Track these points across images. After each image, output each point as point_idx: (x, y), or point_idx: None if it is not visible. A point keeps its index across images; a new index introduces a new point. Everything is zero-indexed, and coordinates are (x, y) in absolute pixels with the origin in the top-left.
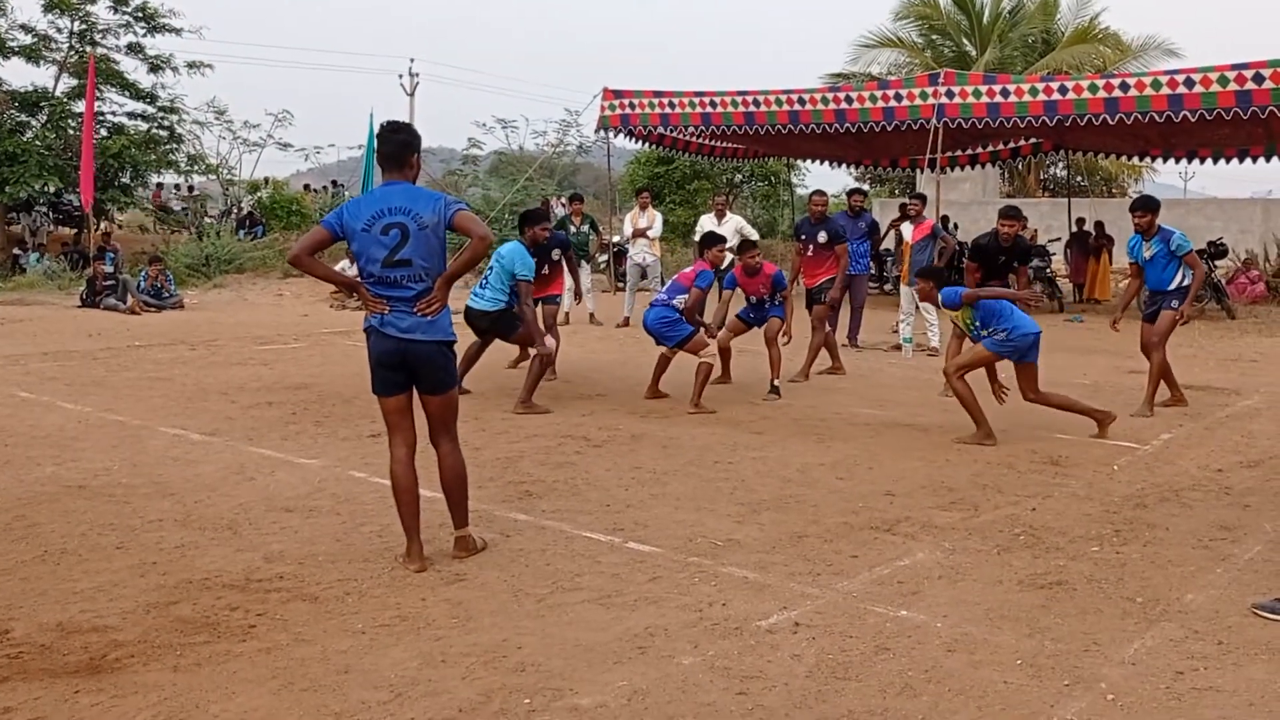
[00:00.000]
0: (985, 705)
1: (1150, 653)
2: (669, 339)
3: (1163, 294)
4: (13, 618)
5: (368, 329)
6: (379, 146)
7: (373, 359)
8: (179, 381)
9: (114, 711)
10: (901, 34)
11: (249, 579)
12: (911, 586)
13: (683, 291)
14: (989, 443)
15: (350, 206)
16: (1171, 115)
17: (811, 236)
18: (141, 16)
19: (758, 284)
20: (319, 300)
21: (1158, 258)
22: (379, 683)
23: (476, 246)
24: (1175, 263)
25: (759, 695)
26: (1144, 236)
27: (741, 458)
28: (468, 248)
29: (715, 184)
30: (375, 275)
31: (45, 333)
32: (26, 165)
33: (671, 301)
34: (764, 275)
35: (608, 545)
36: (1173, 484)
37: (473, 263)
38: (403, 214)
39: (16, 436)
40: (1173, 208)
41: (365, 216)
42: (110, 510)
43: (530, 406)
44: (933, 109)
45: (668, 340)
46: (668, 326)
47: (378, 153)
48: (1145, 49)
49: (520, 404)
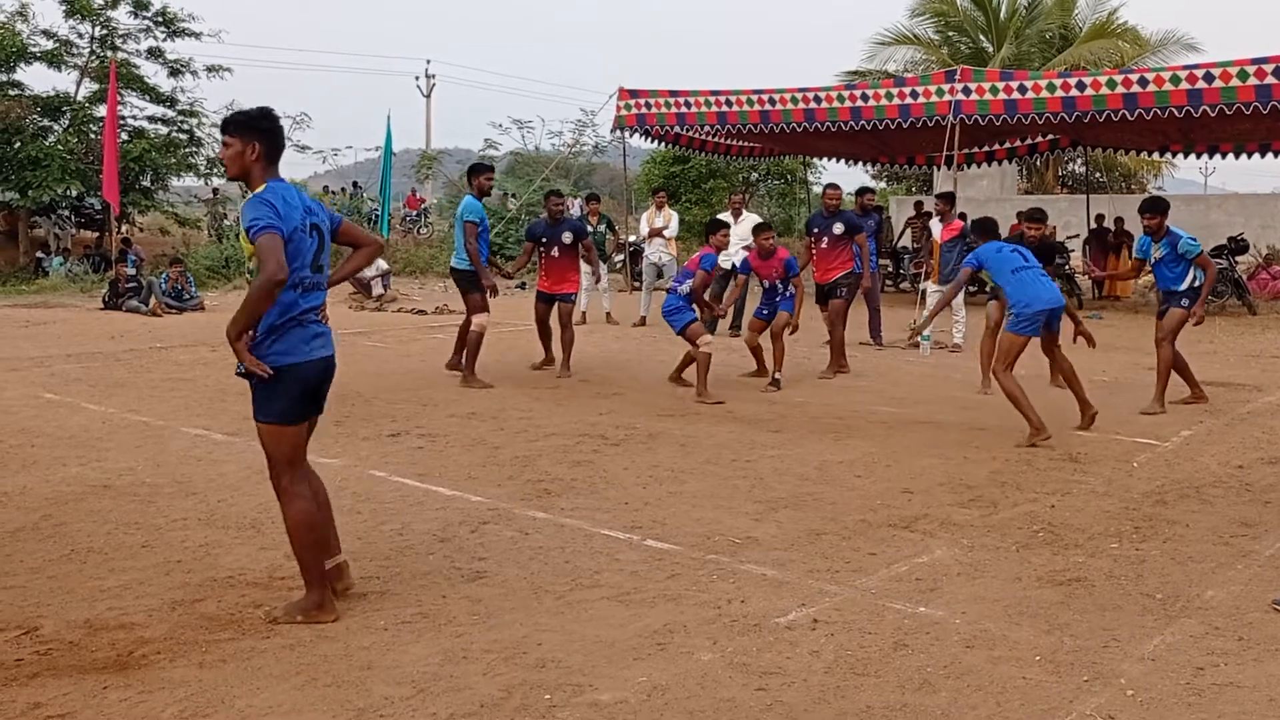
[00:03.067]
0: (1004, 701)
1: (1170, 649)
2: (673, 325)
3: (1173, 294)
4: (42, 615)
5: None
6: (276, 140)
7: (302, 386)
8: (201, 382)
9: (141, 707)
10: (918, 31)
11: (272, 577)
12: (930, 583)
13: (690, 276)
14: (1043, 439)
15: (281, 204)
16: (1191, 110)
17: (826, 229)
18: (161, 21)
19: (771, 268)
20: (337, 301)
21: (1166, 259)
22: (401, 679)
23: (375, 250)
24: (1185, 264)
25: (778, 691)
26: (1153, 238)
27: (759, 456)
28: (361, 253)
29: (731, 183)
30: (306, 281)
31: (69, 335)
32: (49, 169)
33: (679, 288)
34: (777, 259)
35: (626, 543)
36: (1193, 480)
37: (361, 267)
38: (315, 215)
39: (43, 437)
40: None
41: (297, 216)
42: (135, 509)
43: (470, 381)
44: (949, 106)
45: (673, 326)
46: (672, 313)
47: (274, 146)
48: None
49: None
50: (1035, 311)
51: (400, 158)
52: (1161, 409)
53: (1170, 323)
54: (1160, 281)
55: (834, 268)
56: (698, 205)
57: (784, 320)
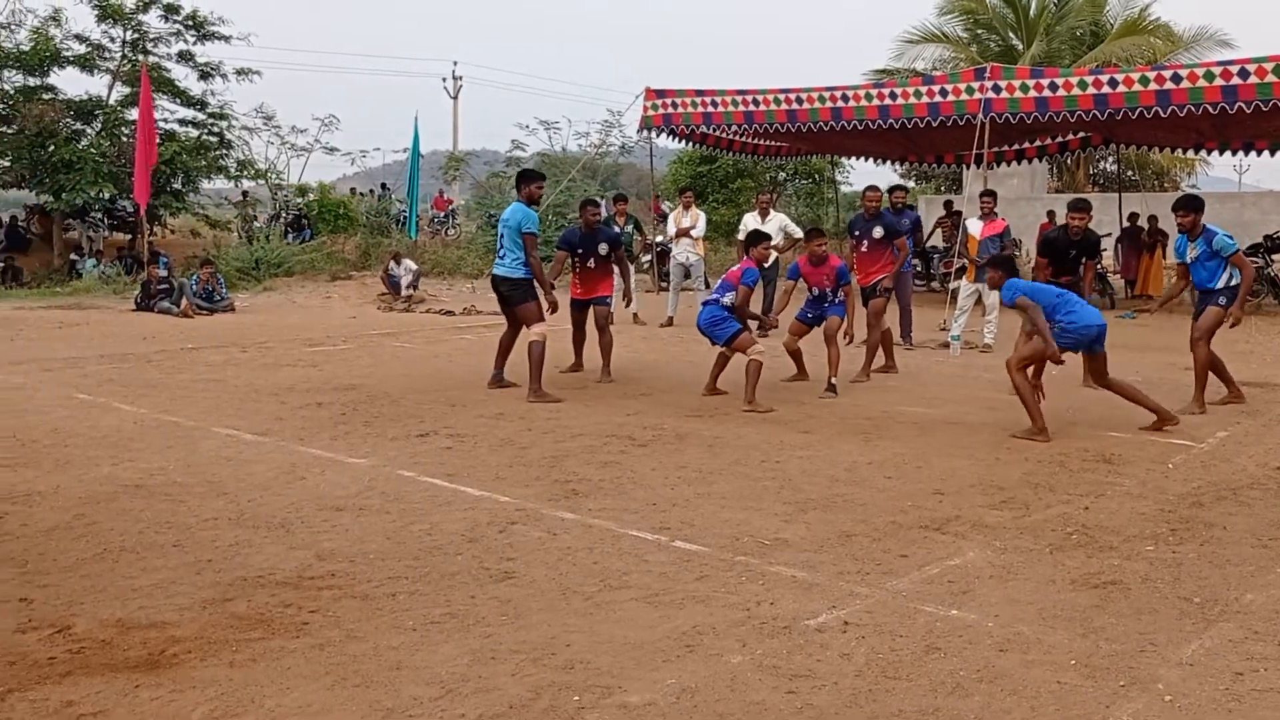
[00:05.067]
0: (1039, 706)
1: (1209, 654)
2: (717, 337)
3: (1210, 293)
4: (74, 614)
5: None
6: None
7: None
8: (231, 383)
9: (173, 705)
10: (946, 29)
11: (302, 576)
12: (962, 586)
13: (731, 289)
14: (1040, 439)
15: None
16: (1226, 107)
17: (866, 232)
18: (192, 25)
19: (822, 274)
20: (366, 303)
21: (1201, 258)
22: (430, 679)
23: None
24: (1220, 262)
25: (808, 694)
26: (1188, 237)
27: (788, 457)
28: None
29: (759, 182)
30: None
31: (101, 336)
32: (82, 173)
33: (722, 300)
34: (829, 266)
35: (655, 544)
36: (1230, 482)
37: None
38: None
39: (76, 437)
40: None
41: None
42: (166, 509)
43: (542, 396)
44: (979, 104)
45: (717, 338)
46: (716, 324)
47: None
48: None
49: (530, 391)
50: (1083, 327)
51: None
52: (1201, 410)
53: (1206, 322)
54: (1197, 281)
55: (875, 271)
56: (725, 205)
57: (835, 324)
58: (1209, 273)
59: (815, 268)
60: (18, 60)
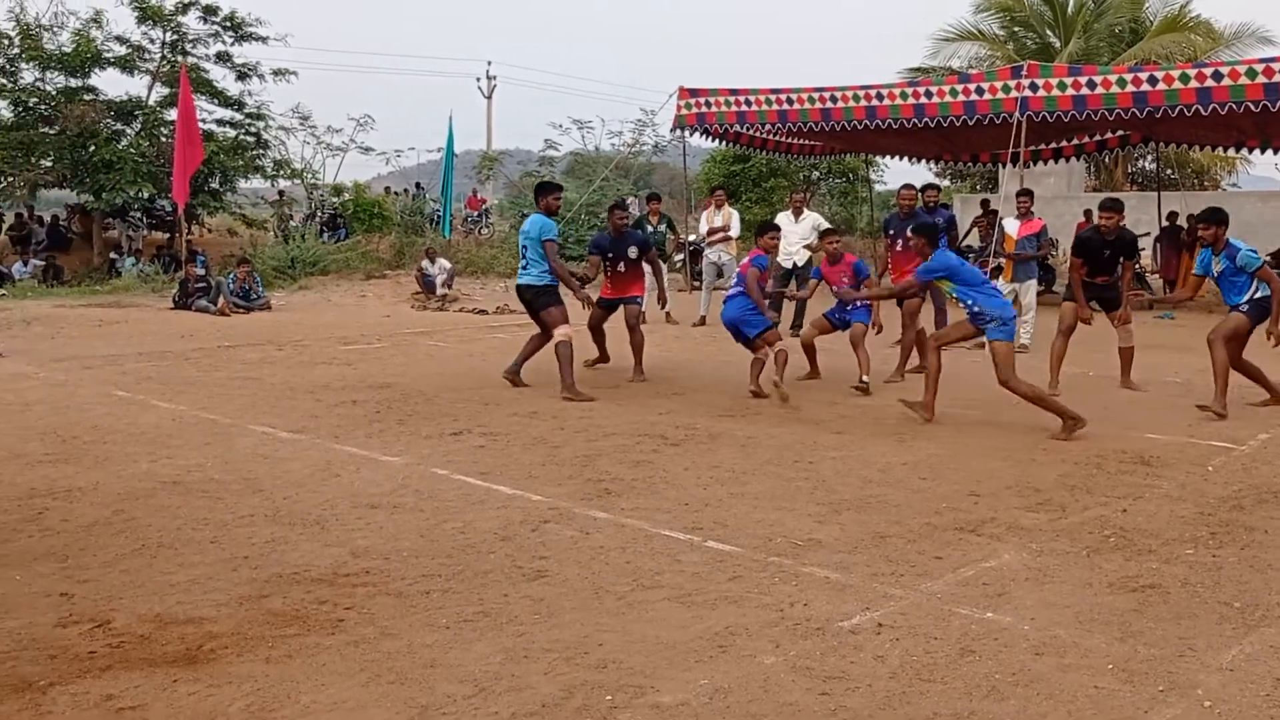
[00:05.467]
0: (1076, 710)
1: (1249, 659)
2: (750, 326)
3: (1238, 307)
4: (114, 609)
5: None
6: None
7: None
8: (267, 381)
9: (210, 700)
10: (982, 27)
11: (337, 573)
12: (998, 588)
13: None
14: (1063, 436)
15: None
16: (1268, 104)
17: (901, 232)
18: (230, 26)
19: (839, 272)
20: (400, 301)
21: (1227, 273)
22: (464, 677)
23: None
24: (1247, 278)
25: (842, 696)
26: (1211, 250)
27: (821, 457)
28: None
29: (792, 181)
30: None
31: (140, 334)
32: (122, 172)
33: (742, 290)
34: (845, 263)
35: (687, 544)
36: (1271, 485)
37: None
38: None
39: (114, 434)
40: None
41: None
42: (203, 506)
43: (575, 394)
44: (1016, 102)
45: (748, 329)
46: (750, 314)
47: None
48: (1239, 37)
49: (563, 388)
50: (999, 306)
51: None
52: (1222, 409)
53: (1226, 325)
54: (1225, 296)
55: (910, 269)
56: (759, 204)
57: (861, 331)
58: (1236, 289)
59: (832, 266)
60: (60, 62)
